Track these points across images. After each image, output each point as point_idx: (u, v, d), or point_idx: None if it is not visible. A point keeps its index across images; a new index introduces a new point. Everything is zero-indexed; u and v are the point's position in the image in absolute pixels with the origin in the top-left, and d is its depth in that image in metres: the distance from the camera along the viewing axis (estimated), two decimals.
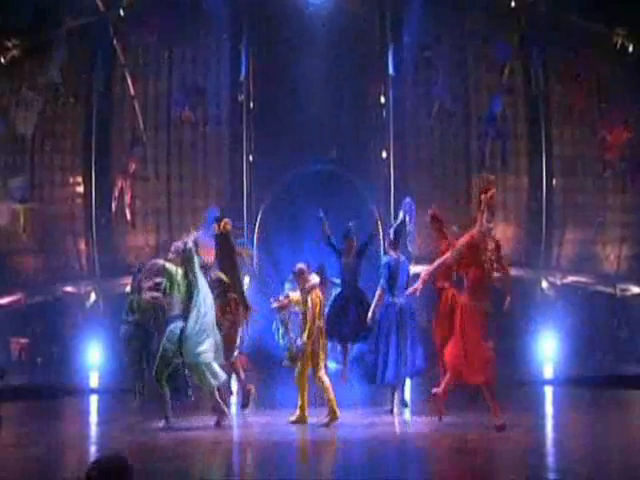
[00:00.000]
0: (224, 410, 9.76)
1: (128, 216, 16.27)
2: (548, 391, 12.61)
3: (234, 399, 11.34)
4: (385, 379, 10.27)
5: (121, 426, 10.01)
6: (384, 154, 16.23)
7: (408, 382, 10.94)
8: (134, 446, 8.77)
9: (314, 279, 9.83)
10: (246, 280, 14.92)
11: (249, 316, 10.40)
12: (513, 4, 16.17)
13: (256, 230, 16.12)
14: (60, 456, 8.81)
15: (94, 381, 13.00)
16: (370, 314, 10.35)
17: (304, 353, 9.72)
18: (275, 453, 8.66)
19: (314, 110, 15.87)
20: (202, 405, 11.12)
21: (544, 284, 16.01)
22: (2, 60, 15.65)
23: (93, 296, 15.86)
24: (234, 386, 11.40)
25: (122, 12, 16.15)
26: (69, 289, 16.00)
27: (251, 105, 16.31)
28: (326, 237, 11.34)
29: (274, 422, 10.05)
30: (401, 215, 10.67)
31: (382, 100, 16.33)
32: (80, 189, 16.26)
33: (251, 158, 16.32)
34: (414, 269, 11.09)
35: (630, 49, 15.72)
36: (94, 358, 13.56)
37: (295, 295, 10.02)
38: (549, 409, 11.66)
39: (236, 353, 10.38)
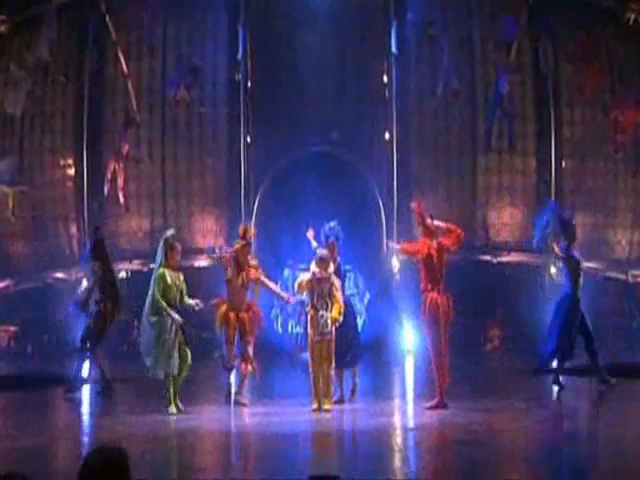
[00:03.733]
0: None
1: (121, 200, 15.95)
2: None
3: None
4: None
5: (114, 417, 10.04)
6: (387, 135, 15.84)
7: None
8: (128, 437, 8.63)
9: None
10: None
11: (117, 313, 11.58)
12: None
13: (254, 213, 15.73)
14: (52, 448, 8.70)
15: (86, 371, 12.62)
16: None
17: (331, 332, 9.74)
18: (272, 443, 8.61)
19: (314, 90, 15.67)
20: (198, 396, 10.98)
21: (552, 270, 15.58)
22: None
23: (85, 282, 15.40)
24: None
25: None
26: (60, 275, 15.74)
27: (249, 84, 15.92)
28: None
29: (272, 412, 10.03)
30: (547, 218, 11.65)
31: (385, 79, 15.91)
32: (71, 172, 15.93)
33: (249, 139, 15.98)
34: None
35: None
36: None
37: (307, 279, 9.89)
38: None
39: None
